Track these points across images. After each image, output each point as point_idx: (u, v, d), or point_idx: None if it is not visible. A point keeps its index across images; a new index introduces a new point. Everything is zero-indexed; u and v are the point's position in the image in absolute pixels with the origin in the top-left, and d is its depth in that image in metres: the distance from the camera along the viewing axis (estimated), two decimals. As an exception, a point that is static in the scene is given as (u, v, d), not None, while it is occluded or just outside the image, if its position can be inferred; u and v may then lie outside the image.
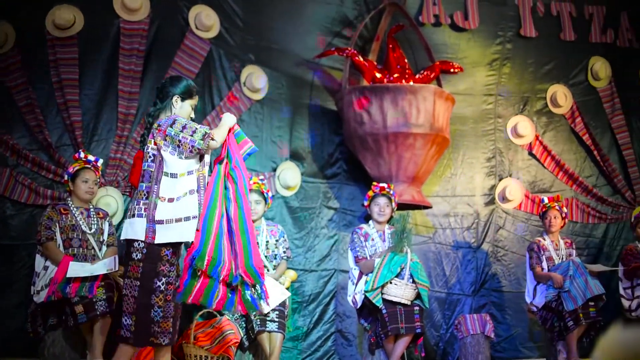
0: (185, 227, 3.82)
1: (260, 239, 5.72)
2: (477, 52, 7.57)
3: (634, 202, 7.90)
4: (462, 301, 7.13)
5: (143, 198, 3.86)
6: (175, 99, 4.07)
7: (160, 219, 3.80)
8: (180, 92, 4.08)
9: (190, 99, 4.13)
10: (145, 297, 3.81)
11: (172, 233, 3.81)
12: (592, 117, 7.92)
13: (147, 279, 3.82)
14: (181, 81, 4.16)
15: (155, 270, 3.82)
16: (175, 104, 4.07)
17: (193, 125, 3.86)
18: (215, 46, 6.44)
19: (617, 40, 8.15)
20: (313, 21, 7.07)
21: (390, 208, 5.99)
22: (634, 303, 6.49)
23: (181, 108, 4.08)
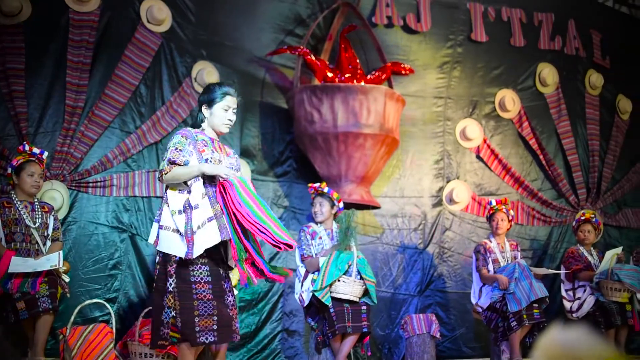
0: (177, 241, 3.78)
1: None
2: (428, 55, 7.63)
3: (578, 206, 8.09)
4: (408, 301, 7.19)
5: (162, 205, 3.92)
6: (203, 108, 4.04)
7: (163, 224, 3.84)
8: (205, 99, 4.04)
9: (215, 103, 4.02)
10: (159, 298, 3.84)
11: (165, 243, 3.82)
12: (539, 122, 8.07)
13: (160, 281, 3.87)
14: (207, 89, 4.11)
15: (166, 272, 3.83)
16: (206, 112, 4.03)
17: (169, 151, 3.85)
18: (167, 40, 6.35)
19: (565, 47, 8.33)
20: (266, 19, 7.04)
21: (328, 207, 5.97)
22: (575, 304, 6.62)
23: (212, 115, 4.02)
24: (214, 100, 4.01)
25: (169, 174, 3.81)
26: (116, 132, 6.02)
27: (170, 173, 3.81)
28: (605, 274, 6.41)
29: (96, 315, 5.60)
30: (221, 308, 3.85)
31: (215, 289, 3.86)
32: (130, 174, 6.02)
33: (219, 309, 3.83)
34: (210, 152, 3.92)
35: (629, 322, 6.35)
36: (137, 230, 6.02)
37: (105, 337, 4.96)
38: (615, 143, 8.63)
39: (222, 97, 4.02)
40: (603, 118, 8.57)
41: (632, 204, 8.73)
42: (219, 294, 3.88)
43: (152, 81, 6.24)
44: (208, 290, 3.82)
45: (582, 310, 6.54)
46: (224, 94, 4.03)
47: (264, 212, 3.80)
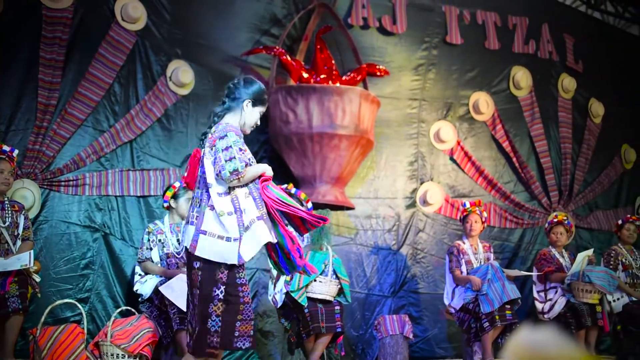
0: (226, 247, 3.67)
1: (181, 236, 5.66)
2: (403, 57, 7.66)
3: (550, 208, 8.16)
4: (381, 302, 7.21)
5: (197, 206, 3.76)
6: (246, 102, 3.89)
7: (205, 229, 3.68)
8: (253, 96, 3.91)
9: (261, 106, 3.96)
10: (204, 306, 3.69)
11: (211, 250, 3.68)
12: (512, 124, 8.13)
13: (206, 288, 3.70)
14: (254, 84, 3.97)
15: (213, 278, 3.70)
16: (246, 108, 3.90)
17: (234, 151, 3.66)
18: (142, 39, 6.31)
19: (539, 51, 8.41)
20: (242, 18, 7.02)
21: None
22: (546, 305, 6.68)
23: (250, 114, 3.91)
24: (258, 101, 3.93)
25: (247, 175, 3.69)
26: (89, 130, 5.96)
27: (246, 174, 3.68)
28: (577, 276, 6.47)
29: (67, 316, 5.55)
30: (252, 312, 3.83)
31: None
32: (104, 173, 5.97)
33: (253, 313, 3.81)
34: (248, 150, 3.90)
35: (599, 323, 6.42)
36: (110, 229, 5.97)
37: (77, 337, 4.91)
38: (587, 146, 8.72)
39: (265, 103, 4.00)
40: (575, 121, 8.66)
41: (603, 206, 8.83)
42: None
43: (126, 79, 6.19)
44: (248, 293, 3.78)
45: (553, 311, 6.59)
46: (266, 100, 4.02)
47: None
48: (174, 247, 5.58)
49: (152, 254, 5.53)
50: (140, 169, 6.16)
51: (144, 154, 6.20)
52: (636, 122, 9.36)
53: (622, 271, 6.93)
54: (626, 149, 9.16)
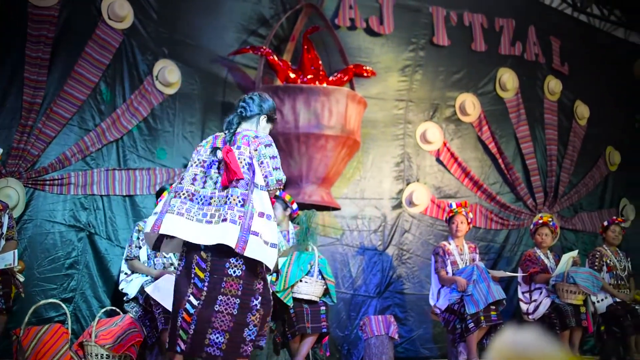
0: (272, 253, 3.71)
1: (172, 236, 5.66)
2: (390, 58, 7.67)
3: (535, 210, 8.20)
4: (367, 302, 7.22)
5: (238, 204, 3.68)
6: (262, 118, 4.03)
7: (256, 230, 3.66)
8: (269, 112, 4.07)
9: (272, 123, 4.13)
10: (242, 315, 3.67)
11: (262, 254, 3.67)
12: (498, 126, 8.17)
13: (246, 296, 3.68)
14: (269, 100, 4.12)
15: (252, 287, 3.70)
16: (261, 123, 4.03)
17: (278, 162, 3.85)
18: (128, 38, 6.28)
19: (525, 53, 8.45)
20: (229, 18, 7.01)
21: (281, 209, 5.94)
22: (531, 306, 6.71)
23: (264, 129, 4.04)
24: (271, 119, 4.09)
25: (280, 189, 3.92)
26: (75, 129, 5.93)
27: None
28: (561, 277, 6.51)
29: (51, 316, 5.51)
30: None
31: None
32: (89, 172, 5.94)
33: None
34: None
35: (582, 324, 6.46)
36: (95, 229, 5.94)
37: (61, 337, 4.88)
38: (572, 148, 8.78)
39: (274, 121, 4.15)
40: (561, 123, 8.72)
41: (588, 208, 8.89)
42: None
43: (112, 79, 6.16)
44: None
45: (538, 312, 6.63)
46: (274, 118, 4.16)
47: None
48: None
49: (140, 253, 5.52)
50: (126, 169, 6.14)
51: (130, 153, 6.18)
52: (621, 124, 9.44)
53: (607, 272, 6.97)
54: (611, 151, 9.22)
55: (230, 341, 3.65)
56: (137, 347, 5.05)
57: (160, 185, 6.19)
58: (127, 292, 5.47)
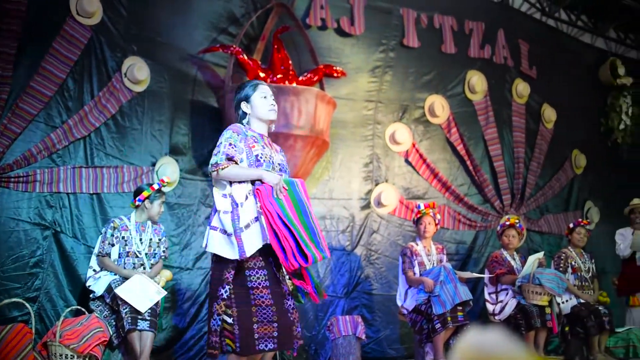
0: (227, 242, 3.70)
1: (145, 237, 5.62)
2: (360, 58, 7.69)
3: (502, 211, 8.28)
4: (334, 303, 7.22)
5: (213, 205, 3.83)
6: (242, 106, 3.99)
7: (215, 225, 3.75)
8: (240, 97, 4.01)
9: (252, 94, 4.00)
10: (210, 305, 3.74)
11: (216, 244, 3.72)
12: (466, 128, 8.23)
13: (213, 287, 3.75)
14: (241, 87, 4.07)
15: (220, 278, 3.72)
16: (246, 108, 3.98)
17: (221, 146, 3.78)
18: (97, 34, 6.19)
19: (494, 56, 8.53)
20: (199, 16, 6.96)
21: None
22: (497, 307, 6.76)
23: (253, 107, 3.98)
24: (249, 93, 4.00)
25: (226, 170, 3.74)
26: (41, 126, 5.83)
27: (228, 170, 3.74)
28: (527, 278, 6.57)
29: (15, 315, 5.42)
30: (281, 313, 3.75)
31: (274, 293, 3.77)
32: (55, 170, 5.86)
33: (279, 315, 3.73)
34: (261, 148, 3.89)
35: (547, 325, 6.53)
36: (61, 227, 5.86)
37: (24, 337, 4.81)
38: (539, 151, 8.88)
39: (255, 87, 4.03)
40: (529, 126, 8.82)
41: (554, 210, 9.00)
42: (278, 298, 3.78)
43: (80, 75, 6.07)
44: (267, 296, 3.72)
45: (504, 313, 6.68)
46: (255, 85, 4.05)
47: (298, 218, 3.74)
48: (136, 246, 5.53)
49: (112, 250, 5.47)
50: (94, 166, 6.06)
51: (98, 151, 6.10)
52: (587, 128, 9.57)
53: (571, 274, 7.06)
54: (577, 154, 9.35)
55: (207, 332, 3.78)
56: (102, 347, 5.01)
57: (127, 183, 6.13)
58: (94, 290, 5.42)
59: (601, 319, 6.71)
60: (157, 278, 5.60)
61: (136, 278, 5.32)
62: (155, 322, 5.30)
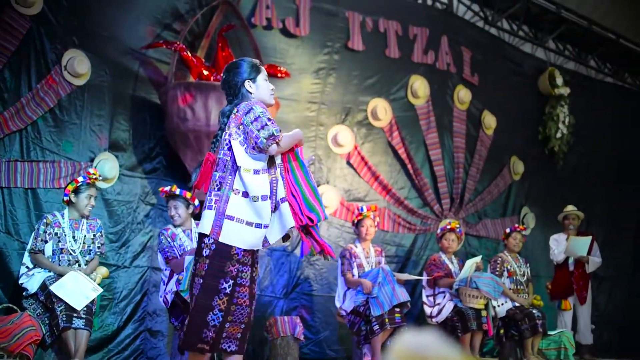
0: (253, 234, 3.58)
1: (79, 234, 5.50)
2: (304, 60, 7.69)
3: (441, 215, 8.38)
4: (273, 303, 7.20)
5: (215, 189, 3.60)
6: (247, 85, 3.82)
7: (231, 214, 3.55)
8: (245, 76, 3.82)
9: (260, 74, 3.86)
10: (206, 297, 3.53)
11: (238, 236, 3.56)
12: (408, 132, 8.31)
13: (212, 279, 3.55)
14: (240, 64, 3.88)
15: (223, 270, 3.55)
16: (250, 88, 3.82)
17: (264, 120, 3.61)
18: (36, 25, 6.02)
19: (437, 62, 8.64)
20: (143, 10, 6.85)
21: (184, 208, 5.86)
22: (434, 310, 6.85)
23: (257, 89, 3.83)
24: (253, 73, 3.86)
25: (284, 140, 3.63)
26: (-25, 118, 5.67)
27: (283, 140, 3.62)
28: (465, 282, 6.67)
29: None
30: (251, 316, 3.68)
31: (251, 294, 3.68)
32: (-11, 163, 5.70)
33: (249, 317, 3.66)
34: None
35: (483, 327, 6.64)
36: (-7, 222, 5.70)
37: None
38: (479, 156, 9.02)
39: (259, 69, 3.91)
40: (469, 132, 8.95)
41: (491, 215, 9.16)
42: (252, 300, 3.69)
43: (17, 66, 5.90)
44: (247, 295, 3.63)
45: (441, 315, 6.77)
46: (258, 65, 3.93)
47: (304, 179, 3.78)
48: (70, 243, 5.42)
49: (46, 247, 5.34)
50: (30, 160, 5.90)
51: (35, 144, 5.95)
52: (525, 135, 9.78)
53: (507, 278, 7.20)
54: (515, 160, 9.53)
55: (190, 323, 3.59)
56: (34, 346, 4.89)
57: (65, 178, 6.00)
58: (27, 287, 5.29)
59: (535, 322, 6.86)
60: (93, 275, 5.50)
61: (71, 275, 5.21)
62: (90, 320, 5.20)
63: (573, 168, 10.39)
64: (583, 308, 7.92)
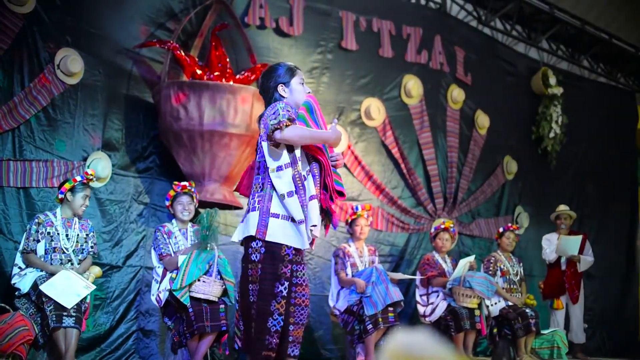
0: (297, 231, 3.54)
1: (72, 232, 5.48)
2: (298, 59, 7.67)
3: (435, 215, 8.39)
4: (267, 302, 7.18)
5: (258, 190, 3.61)
6: (280, 89, 3.80)
7: (276, 212, 3.54)
8: (279, 80, 3.81)
9: (295, 78, 3.84)
10: (264, 303, 3.48)
11: (285, 233, 3.53)
12: (402, 132, 8.32)
13: (267, 283, 3.51)
14: (275, 70, 3.87)
15: (277, 273, 3.50)
16: (284, 93, 3.80)
17: (280, 109, 3.60)
18: (29, 23, 6.00)
19: (430, 61, 8.65)
20: (137, 10, 6.82)
21: (193, 206, 5.93)
22: (428, 309, 6.86)
23: (291, 93, 3.81)
24: (288, 77, 3.86)
25: (290, 128, 3.55)
26: (-34, 117, 5.65)
27: (291, 128, 3.55)
28: (458, 281, 6.69)
29: None
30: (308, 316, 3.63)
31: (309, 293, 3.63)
32: (-19, 162, 5.67)
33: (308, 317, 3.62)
34: None
35: (476, 327, 6.67)
36: (-16, 222, 5.68)
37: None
38: (472, 156, 9.04)
39: (294, 72, 3.90)
40: (462, 131, 8.96)
41: (485, 214, 9.17)
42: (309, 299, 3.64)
43: (10, 65, 5.87)
44: (307, 295, 3.57)
45: (434, 314, 6.78)
46: (294, 69, 3.92)
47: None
48: (64, 242, 5.40)
49: (38, 246, 5.33)
50: (22, 160, 5.87)
51: (27, 143, 5.93)
52: (518, 135, 9.80)
53: (500, 277, 7.22)
54: (508, 160, 9.55)
55: (252, 332, 3.56)
56: (27, 346, 4.88)
57: (57, 178, 5.98)
58: (19, 287, 5.27)
59: (528, 321, 6.87)
60: (86, 274, 5.49)
61: (62, 274, 5.20)
62: (81, 318, 5.18)
63: (566, 167, 10.42)
64: (575, 307, 7.95)
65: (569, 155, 10.38)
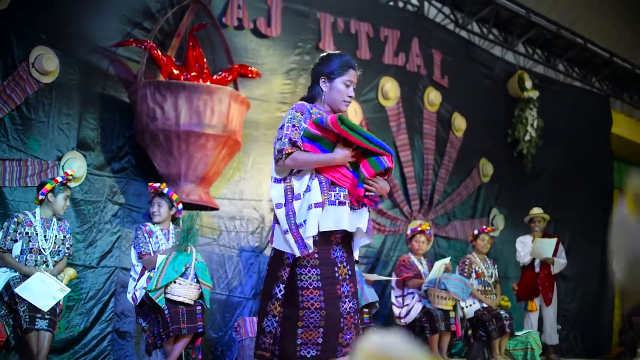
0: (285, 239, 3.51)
1: (50, 233, 5.42)
2: (275, 60, 7.68)
3: (411, 216, 8.42)
4: (242, 304, 7.17)
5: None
6: (322, 80, 3.62)
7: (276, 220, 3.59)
8: (323, 70, 3.63)
9: (340, 77, 3.62)
10: (263, 304, 3.52)
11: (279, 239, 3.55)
12: (378, 134, 8.29)
13: (268, 285, 3.55)
14: (330, 59, 3.66)
15: (276, 275, 3.52)
16: (324, 86, 3.61)
17: (284, 129, 3.49)
18: (3, 20, 5.92)
19: (408, 64, 8.68)
20: (113, 8, 6.76)
21: (167, 208, 5.89)
22: (403, 310, 6.88)
23: (331, 90, 3.61)
24: (335, 72, 3.63)
25: (292, 157, 3.47)
26: (-61, 115, 5.58)
27: (294, 157, 3.46)
28: (433, 283, 6.72)
29: None
30: (330, 317, 3.50)
31: (327, 295, 3.51)
32: (-47, 162, 5.60)
33: (327, 319, 3.48)
34: None
35: (451, 328, 6.70)
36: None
37: None
38: (448, 158, 9.09)
39: (345, 71, 3.64)
40: (439, 134, 9.01)
41: (460, 216, 9.23)
42: (331, 301, 3.51)
43: (-17, 63, 5.82)
44: (317, 297, 3.48)
45: (410, 316, 6.81)
46: (347, 67, 3.65)
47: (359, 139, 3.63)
48: (42, 242, 5.35)
49: (15, 246, 5.26)
50: (-5, 159, 5.82)
51: (1, 142, 5.85)
52: (494, 138, 9.87)
53: (475, 279, 7.26)
54: (484, 163, 9.62)
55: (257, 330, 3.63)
56: (-2, 347, 4.83)
57: (31, 177, 5.92)
58: (-9, 287, 5.22)
59: (502, 322, 6.93)
60: (61, 276, 5.44)
61: (37, 276, 5.14)
62: (54, 321, 5.13)
63: (541, 170, 10.51)
64: (549, 309, 8.02)
65: (544, 158, 10.47)
